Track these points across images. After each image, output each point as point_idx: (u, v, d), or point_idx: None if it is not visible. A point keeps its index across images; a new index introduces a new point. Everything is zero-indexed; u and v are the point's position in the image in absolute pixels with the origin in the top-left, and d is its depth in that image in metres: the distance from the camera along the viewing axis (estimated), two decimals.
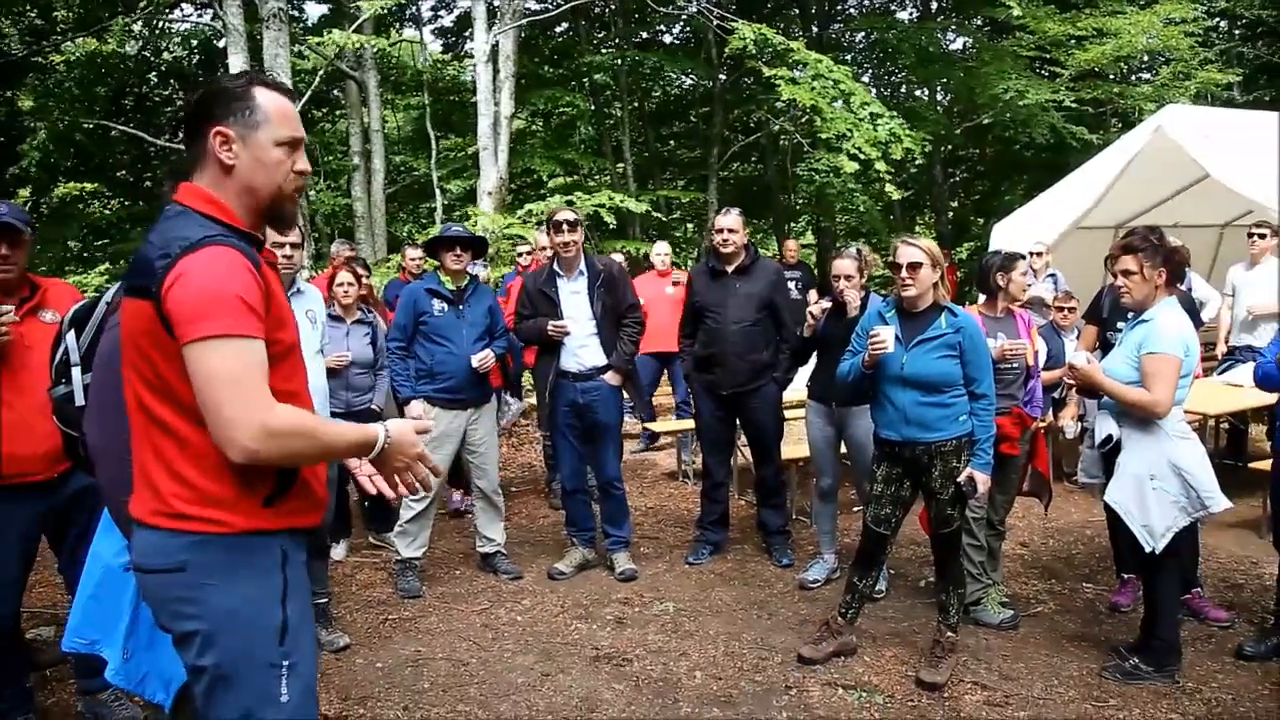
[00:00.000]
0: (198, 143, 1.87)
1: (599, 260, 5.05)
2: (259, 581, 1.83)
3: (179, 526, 1.78)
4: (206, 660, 1.80)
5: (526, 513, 6.42)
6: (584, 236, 4.96)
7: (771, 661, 3.98)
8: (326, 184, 14.52)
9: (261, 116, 1.87)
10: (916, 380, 3.67)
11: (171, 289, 1.70)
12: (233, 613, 1.79)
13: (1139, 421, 3.60)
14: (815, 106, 10.17)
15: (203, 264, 1.71)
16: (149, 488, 1.82)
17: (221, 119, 1.84)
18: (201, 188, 1.87)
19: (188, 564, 1.78)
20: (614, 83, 16.32)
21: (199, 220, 1.81)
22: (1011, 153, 16.93)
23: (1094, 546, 5.35)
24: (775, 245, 17.86)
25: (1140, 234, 3.71)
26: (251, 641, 1.81)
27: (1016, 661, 3.94)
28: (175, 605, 1.81)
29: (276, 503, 1.84)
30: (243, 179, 1.87)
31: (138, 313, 1.77)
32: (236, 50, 8.71)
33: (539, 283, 4.95)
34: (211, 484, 1.78)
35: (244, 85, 1.88)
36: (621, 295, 4.96)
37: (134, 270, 1.80)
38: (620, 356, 4.92)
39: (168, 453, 1.79)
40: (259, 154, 1.87)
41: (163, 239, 1.77)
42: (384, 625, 4.44)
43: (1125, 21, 12.41)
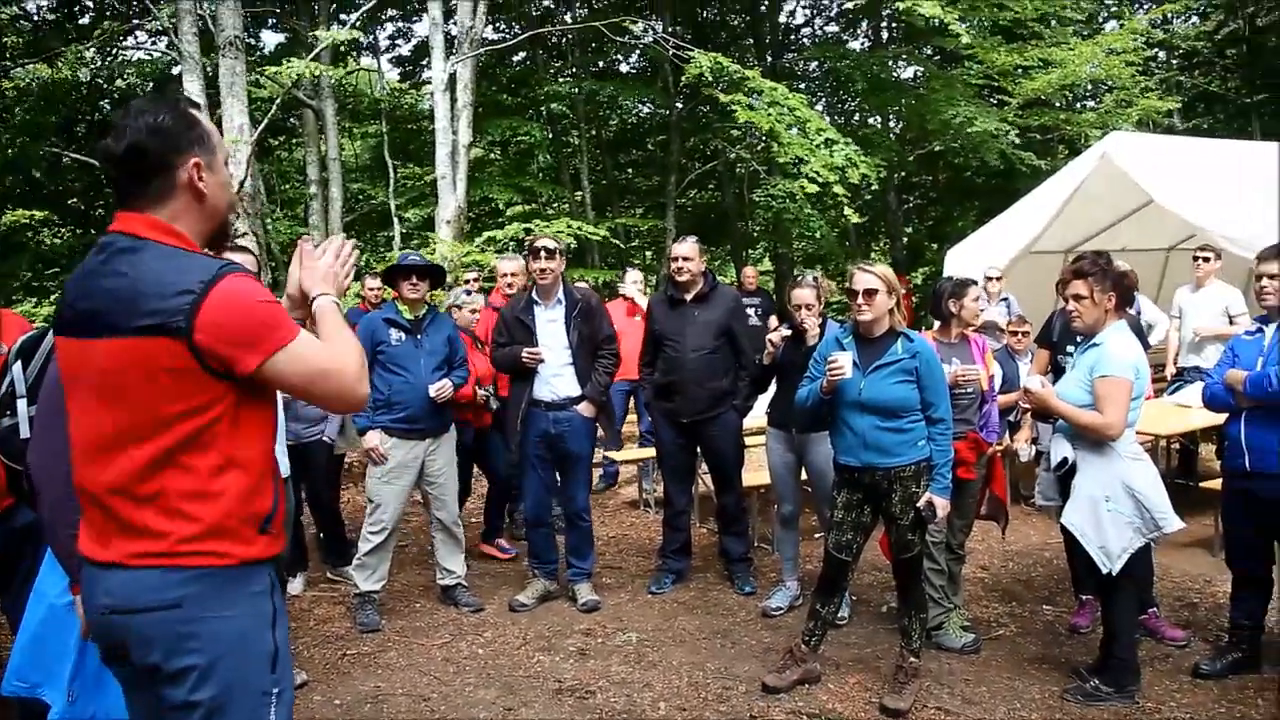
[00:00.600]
0: (163, 176, 1.82)
1: (578, 290, 5.04)
2: (252, 610, 1.85)
3: (175, 564, 1.76)
4: (203, 694, 1.78)
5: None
6: (563, 265, 4.94)
7: (736, 691, 3.96)
8: (284, 212, 14.37)
9: (214, 140, 1.89)
10: (874, 405, 3.70)
11: (212, 321, 1.71)
12: (231, 644, 1.80)
13: (1093, 444, 3.66)
14: (772, 131, 10.30)
15: (240, 290, 1.76)
16: (128, 531, 1.77)
17: (190, 149, 1.84)
18: (154, 218, 1.82)
19: (184, 599, 1.77)
20: (571, 111, 16.40)
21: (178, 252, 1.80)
22: (963, 179, 17.30)
23: (1052, 569, 5.42)
24: (734, 272, 17.99)
25: (1090, 259, 3.80)
26: (247, 671, 1.82)
27: (979, 685, 3.96)
28: (170, 642, 1.77)
29: (269, 527, 1.87)
30: (211, 204, 1.89)
31: (143, 351, 1.72)
32: (192, 78, 8.61)
33: (516, 310, 4.92)
34: (218, 517, 1.78)
35: (186, 111, 1.87)
36: (598, 326, 4.95)
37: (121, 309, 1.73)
38: (595, 387, 4.89)
39: (169, 490, 1.76)
40: (220, 176, 1.91)
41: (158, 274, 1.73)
42: (343, 660, 4.35)
43: (1069, 52, 12.80)
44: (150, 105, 1.85)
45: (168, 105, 1.86)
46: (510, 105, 16.04)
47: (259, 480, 1.85)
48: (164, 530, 1.76)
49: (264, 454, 1.87)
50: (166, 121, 1.82)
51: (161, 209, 1.83)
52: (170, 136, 1.82)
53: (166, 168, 1.82)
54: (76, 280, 1.84)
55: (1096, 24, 16.47)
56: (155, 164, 1.81)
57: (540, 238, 4.95)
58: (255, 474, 1.84)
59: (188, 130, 1.84)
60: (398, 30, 17.37)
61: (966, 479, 4.25)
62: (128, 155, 1.79)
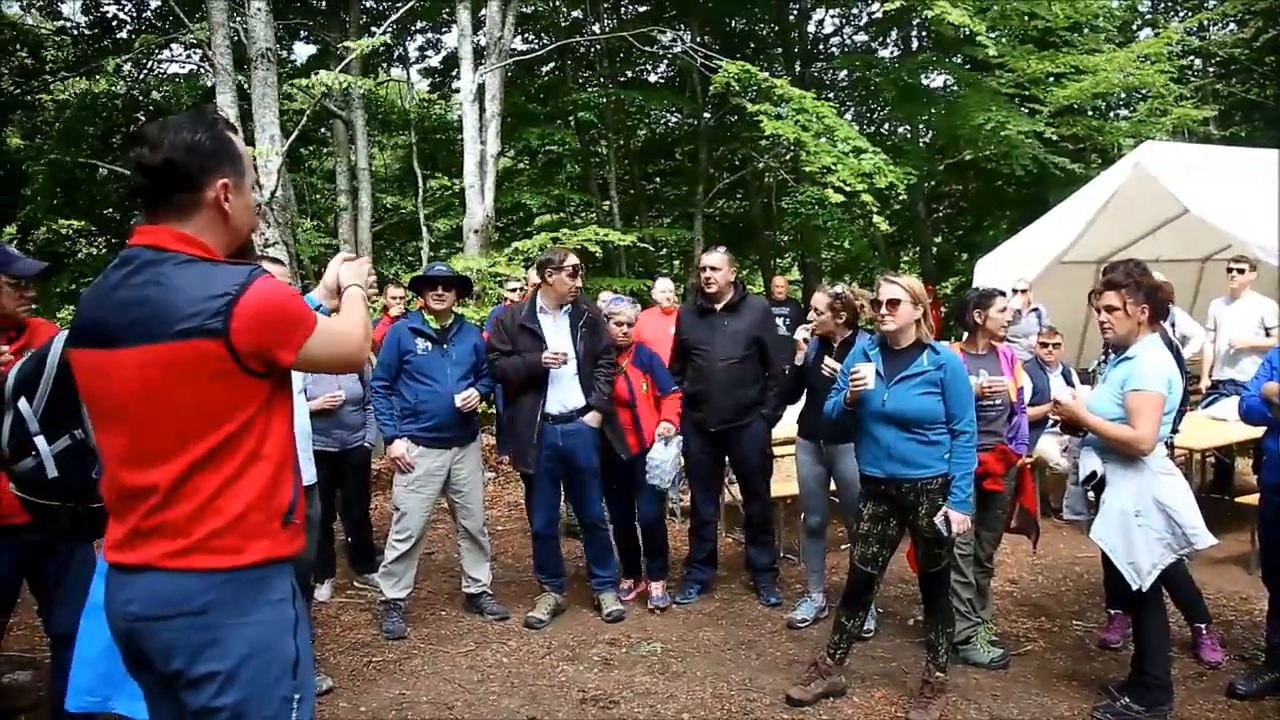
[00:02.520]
0: (190, 192, 1.86)
1: (581, 301, 5.05)
2: (275, 617, 1.87)
3: (203, 564, 1.79)
4: (226, 700, 1.80)
5: (513, 552, 6.36)
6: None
7: (759, 703, 3.93)
8: (313, 223, 14.53)
9: (245, 164, 1.93)
10: (897, 417, 3.68)
11: (250, 321, 1.78)
12: (253, 650, 1.82)
13: (1123, 458, 3.60)
14: (799, 140, 10.27)
15: (272, 289, 1.84)
16: (156, 533, 1.80)
17: (220, 169, 1.88)
18: (178, 230, 1.86)
19: (210, 605, 1.80)
20: (599, 121, 16.45)
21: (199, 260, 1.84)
22: (994, 188, 17.12)
23: (1083, 583, 5.34)
24: (762, 282, 17.96)
25: (1123, 270, 3.73)
26: (269, 677, 1.85)
27: (1007, 701, 3.90)
28: (194, 649, 1.80)
29: (292, 519, 1.91)
30: (235, 223, 1.93)
31: (180, 355, 1.76)
32: (225, 90, 8.74)
33: (520, 317, 4.87)
34: (243, 508, 1.82)
35: (222, 131, 1.90)
36: (600, 337, 4.95)
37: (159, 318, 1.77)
38: (599, 397, 4.88)
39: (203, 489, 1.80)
40: (245, 198, 1.95)
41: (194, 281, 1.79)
42: (368, 668, 4.37)
43: (1102, 59, 12.63)
44: (188, 122, 1.89)
45: (205, 124, 1.90)
46: (539, 114, 16.14)
47: (279, 471, 1.89)
48: (191, 527, 1.79)
49: (285, 444, 1.93)
50: (203, 140, 1.86)
51: (185, 223, 1.87)
52: (204, 155, 1.86)
53: (196, 185, 1.86)
54: (97, 294, 1.86)
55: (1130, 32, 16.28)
56: (186, 181, 1.85)
57: (569, 255, 4.91)
58: (276, 464, 1.89)
59: (221, 151, 1.88)
60: (427, 41, 17.52)
61: (995, 491, 4.21)
62: (162, 169, 1.83)
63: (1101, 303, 3.74)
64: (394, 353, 4.73)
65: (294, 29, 14.56)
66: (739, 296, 5.13)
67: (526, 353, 4.77)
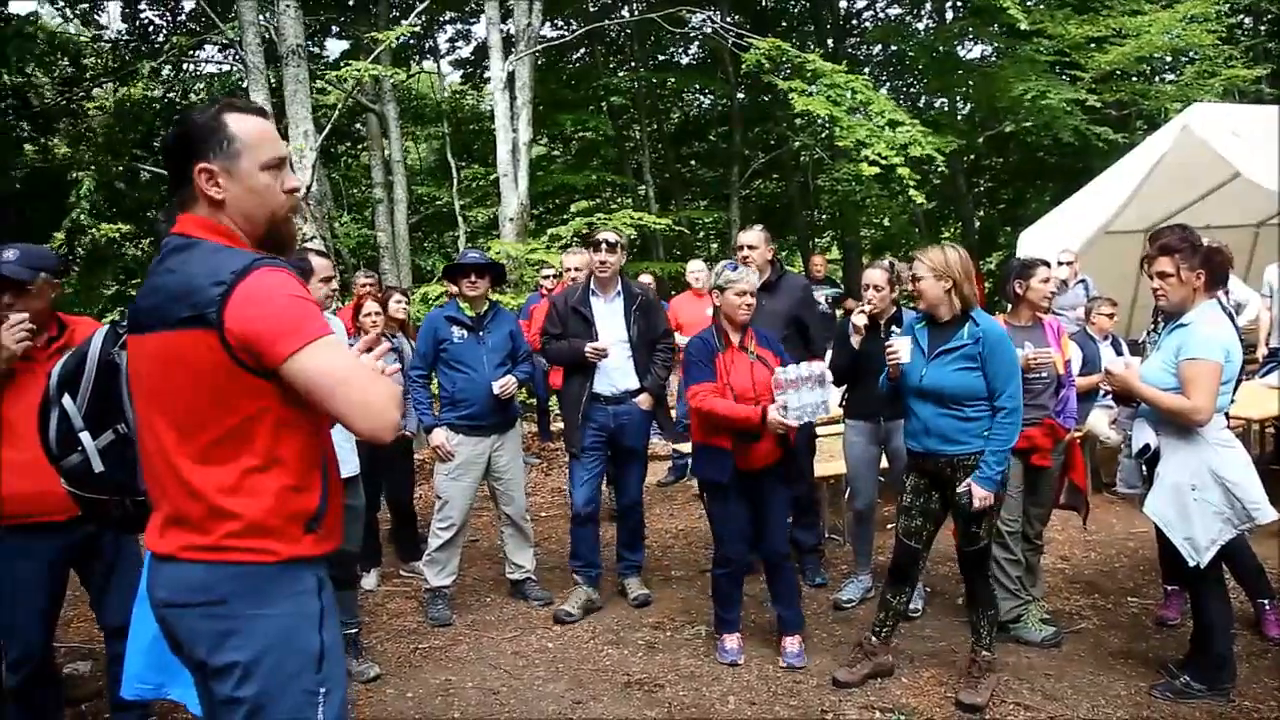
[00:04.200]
0: (185, 181, 1.86)
1: (635, 285, 5.02)
2: (298, 609, 1.85)
3: (220, 559, 1.78)
4: (247, 691, 1.79)
5: (556, 538, 6.36)
6: (623, 259, 4.91)
7: (806, 685, 3.89)
8: (350, 216, 14.67)
9: (240, 145, 1.86)
10: (934, 392, 3.62)
11: (241, 313, 1.71)
12: (274, 642, 1.80)
13: (1178, 429, 3.49)
14: (832, 116, 10.13)
15: (268, 284, 1.74)
16: (182, 524, 1.81)
17: (202, 155, 1.84)
18: (204, 218, 1.87)
19: (230, 595, 1.79)
20: (632, 105, 16.37)
21: (220, 248, 1.81)
22: (1035, 159, 16.77)
23: (1137, 559, 5.21)
24: (801, 262, 17.80)
25: (1177, 233, 3.60)
26: (291, 670, 1.82)
27: (1060, 681, 3.82)
28: (214, 638, 1.80)
29: (318, 525, 1.86)
30: (236, 210, 1.88)
31: (183, 344, 1.75)
32: (257, 88, 8.84)
33: (572, 301, 4.87)
34: (259, 514, 1.79)
35: (214, 116, 1.86)
36: (656, 322, 4.92)
37: (169, 303, 1.77)
38: (654, 380, 4.86)
39: (208, 488, 1.78)
40: (246, 182, 1.87)
41: (202, 268, 1.76)
42: (414, 654, 4.40)
43: (1145, 21, 12.24)
44: (196, 110, 1.89)
45: (201, 110, 1.89)
46: (571, 101, 16.10)
47: (303, 479, 1.84)
48: (209, 525, 1.78)
49: (307, 452, 1.86)
50: (190, 126, 1.85)
51: (201, 209, 1.87)
52: (188, 141, 1.84)
53: (185, 172, 1.85)
54: (145, 281, 1.90)
55: None
56: (179, 167, 1.86)
57: (601, 230, 4.94)
58: (298, 473, 1.83)
59: (208, 137, 1.84)
60: (457, 32, 17.57)
61: (1043, 466, 4.11)
62: (164, 157, 1.87)
63: (1154, 269, 3.61)
64: (430, 341, 4.76)
65: (326, 25, 14.68)
66: (777, 275, 5.06)
67: (575, 337, 4.77)
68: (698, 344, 4.10)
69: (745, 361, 4.05)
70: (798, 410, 3.85)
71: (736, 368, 4.02)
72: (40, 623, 3.13)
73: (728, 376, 3.98)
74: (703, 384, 3.97)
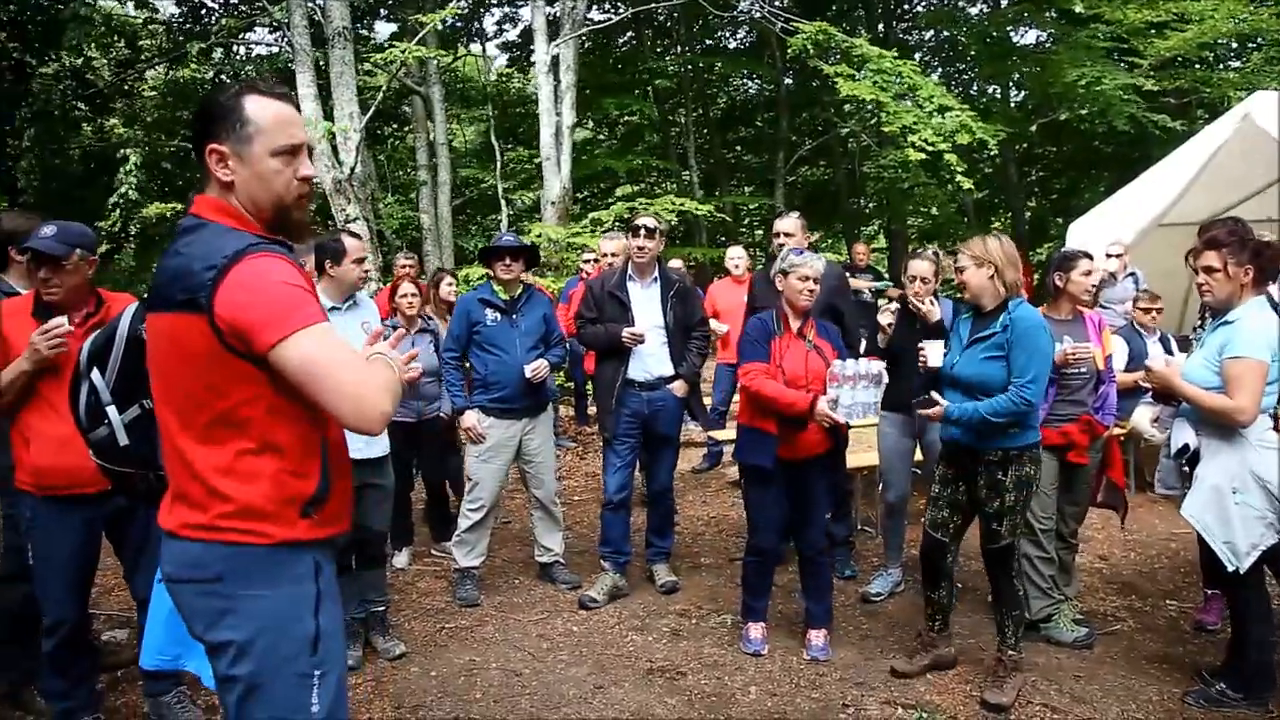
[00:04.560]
0: (200, 159, 1.87)
1: (673, 271, 4.99)
2: (293, 592, 1.85)
3: (215, 538, 1.80)
4: (240, 670, 1.81)
5: (588, 522, 6.37)
6: (662, 246, 4.89)
7: (829, 678, 3.86)
8: (395, 198, 14.81)
9: (254, 128, 1.85)
10: (962, 381, 3.57)
11: (230, 298, 1.71)
12: (268, 623, 1.82)
13: (1220, 430, 3.38)
14: (878, 101, 9.97)
15: (258, 270, 1.74)
16: (183, 501, 1.84)
17: (215, 136, 1.84)
18: (217, 199, 1.88)
19: (224, 574, 1.80)
20: (678, 89, 16.26)
21: (229, 231, 1.81)
22: (1090, 148, 16.37)
23: (1179, 560, 5.08)
24: (846, 249, 17.61)
25: (1225, 227, 3.49)
26: (284, 651, 1.83)
27: (1090, 683, 3.74)
28: (210, 616, 1.83)
29: (315, 510, 1.86)
30: (244, 193, 1.87)
31: (180, 326, 1.77)
32: (303, 69, 8.94)
33: (609, 285, 4.85)
34: (252, 496, 1.80)
35: (233, 98, 1.86)
36: (692, 309, 4.91)
37: (171, 285, 1.79)
38: (690, 367, 4.85)
39: (205, 468, 1.80)
40: (255, 167, 1.86)
41: (201, 251, 1.76)
42: (440, 634, 4.45)
43: (1209, 5, 11.82)
44: (221, 90, 1.91)
45: (226, 90, 1.89)
46: (617, 84, 16.06)
47: (299, 464, 1.84)
48: (206, 503, 1.80)
49: (305, 438, 1.85)
50: (208, 107, 1.86)
51: (214, 190, 1.88)
52: (202, 122, 1.85)
53: (198, 152, 1.87)
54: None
55: None
56: (196, 148, 1.87)
57: (640, 216, 4.92)
58: (294, 457, 1.83)
59: (224, 118, 1.84)
60: (505, 15, 17.60)
61: (1079, 464, 4.02)
62: (189, 138, 1.86)
63: (1200, 263, 3.50)
64: (464, 324, 4.78)
65: (375, 7, 14.78)
66: None
67: (611, 322, 4.76)
68: (756, 324, 4.05)
69: (801, 349, 3.97)
70: (848, 407, 3.82)
71: (791, 353, 3.94)
72: (73, 591, 3.22)
73: (781, 360, 3.92)
74: (755, 363, 3.92)
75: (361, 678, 3.93)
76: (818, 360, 3.95)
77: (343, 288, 4.07)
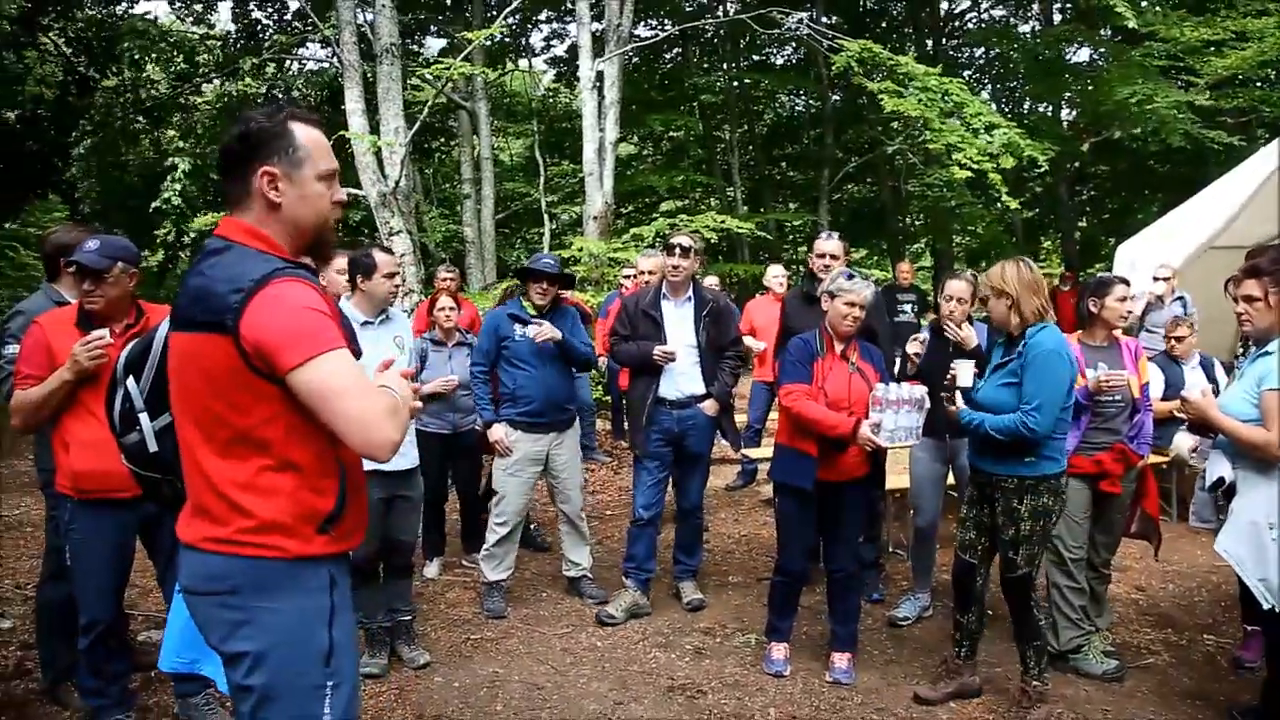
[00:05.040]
0: (241, 180, 1.92)
1: (708, 291, 5.00)
2: (307, 605, 1.89)
3: (234, 552, 1.85)
4: (255, 680, 1.85)
5: (620, 536, 6.38)
6: (697, 265, 4.90)
7: (850, 702, 3.82)
8: (439, 211, 15.03)
9: (304, 153, 1.93)
10: (979, 406, 3.56)
11: (255, 320, 1.76)
12: (282, 635, 1.86)
13: (1256, 463, 3.29)
14: (923, 119, 9.89)
15: (284, 293, 1.79)
16: (203, 514, 1.89)
17: (266, 158, 1.89)
18: (245, 223, 1.92)
19: (240, 587, 1.85)
20: (724, 106, 16.28)
21: (256, 255, 1.86)
22: (1145, 168, 16.05)
23: (1219, 594, 4.94)
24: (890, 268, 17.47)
25: (1270, 255, 3.41)
26: (298, 663, 1.87)
27: (1118, 718, 3.66)
28: (227, 627, 1.87)
29: (331, 527, 1.90)
30: (289, 215, 1.93)
31: (204, 346, 1.82)
32: (352, 85, 9.14)
33: (643, 303, 4.87)
34: (273, 513, 1.84)
35: (282, 122, 1.92)
36: (726, 329, 4.90)
37: (193, 306, 1.85)
38: (721, 387, 4.85)
39: (226, 484, 1.85)
40: (303, 190, 1.93)
41: (227, 274, 1.82)
42: (466, 645, 4.49)
43: (1271, 22, 11.52)
44: (255, 112, 1.95)
45: (269, 113, 1.94)
46: (661, 101, 16.13)
47: (318, 482, 1.89)
48: (226, 518, 1.85)
49: (323, 456, 1.89)
50: (254, 128, 1.90)
51: (248, 213, 1.93)
52: (252, 143, 1.90)
53: (242, 173, 1.91)
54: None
55: None
56: (237, 168, 1.91)
57: (676, 234, 4.92)
58: (312, 476, 1.88)
59: (273, 140, 1.90)
60: (553, 31, 17.80)
61: (1112, 493, 3.94)
62: (221, 157, 1.92)
63: (1240, 292, 3.43)
64: (492, 339, 4.82)
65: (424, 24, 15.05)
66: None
67: (644, 339, 4.78)
68: (798, 344, 4.03)
69: (844, 371, 3.95)
70: (890, 432, 3.81)
71: (834, 375, 3.92)
72: (107, 592, 3.33)
73: (823, 381, 3.91)
74: (798, 384, 3.91)
75: (385, 686, 3.98)
76: (860, 383, 3.93)
77: (374, 302, 4.14)
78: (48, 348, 3.22)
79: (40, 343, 3.23)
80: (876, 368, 4.07)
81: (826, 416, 3.81)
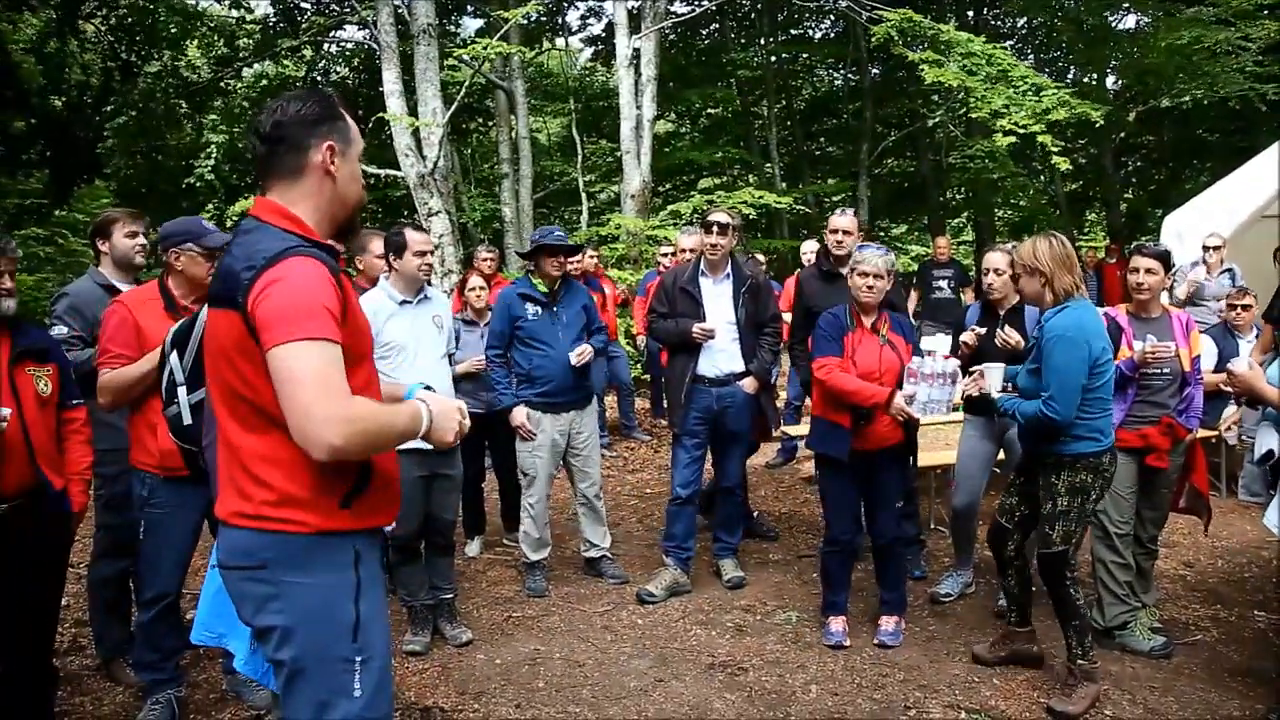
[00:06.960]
0: (297, 152, 1.96)
1: (746, 267, 4.97)
2: (333, 580, 1.92)
3: (260, 526, 1.89)
4: (284, 654, 1.90)
5: (658, 515, 6.40)
6: (735, 241, 4.86)
7: (893, 679, 3.82)
8: (478, 191, 15.09)
9: (353, 134, 2.04)
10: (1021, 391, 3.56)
11: (259, 298, 1.80)
12: (310, 611, 1.89)
13: None
14: (966, 86, 9.68)
15: (287, 273, 1.81)
16: (232, 490, 1.93)
17: (329, 134, 1.98)
18: (277, 203, 1.97)
19: (269, 562, 1.89)
20: (761, 80, 16.09)
21: (277, 234, 1.91)
22: (1193, 137, 15.63)
23: (1270, 569, 4.85)
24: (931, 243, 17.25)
25: None
26: (325, 638, 1.90)
27: (1166, 695, 3.61)
28: (257, 602, 1.91)
29: (354, 502, 1.93)
30: (340, 189, 2.01)
31: (224, 323, 1.88)
32: (389, 66, 9.18)
33: (682, 280, 4.83)
34: (291, 485, 1.88)
35: (334, 103, 2.02)
36: (764, 305, 4.87)
37: (219, 283, 1.92)
38: (761, 364, 4.82)
39: (250, 457, 1.89)
40: (352, 168, 2.04)
41: (245, 252, 1.87)
42: (507, 622, 4.54)
43: None
44: (301, 94, 2.01)
45: (316, 95, 2.02)
46: (699, 77, 16.00)
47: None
48: (251, 491, 1.89)
49: None
50: (310, 107, 1.97)
51: (290, 191, 1.97)
52: (309, 120, 1.96)
53: (303, 149, 1.96)
54: None
55: None
56: (292, 144, 1.96)
57: (714, 211, 4.87)
58: None
59: (328, 118, 1.98)
60: (589, 9, 17.72)
61: (1159, 468, 3.87)
62: (271, 134, 1.95)
63: None
64: (505, 320, 4.77)
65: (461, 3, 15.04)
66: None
67: (682, 317, 4.76)
68: (829, 319, 4.09)
69: (874, 343, 4.01)
70: (924, 404, 3.87)
71: (864, 347, 3.99)
72: (179, 567, 3.44)
73: (853, 354, 3.96)
74: (829, 357, 3.97)
75: (428, 663, 4.05)
76: (891, 355, 3.99)
77: (408, 280, 4.15)
78: (136, 327, 3.28)
79: (127, 321, 3.28)
80: (907, 338, 4.12)
81: (862, 388, 3.88)
